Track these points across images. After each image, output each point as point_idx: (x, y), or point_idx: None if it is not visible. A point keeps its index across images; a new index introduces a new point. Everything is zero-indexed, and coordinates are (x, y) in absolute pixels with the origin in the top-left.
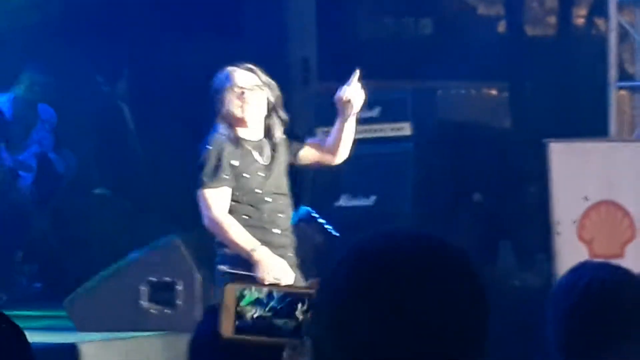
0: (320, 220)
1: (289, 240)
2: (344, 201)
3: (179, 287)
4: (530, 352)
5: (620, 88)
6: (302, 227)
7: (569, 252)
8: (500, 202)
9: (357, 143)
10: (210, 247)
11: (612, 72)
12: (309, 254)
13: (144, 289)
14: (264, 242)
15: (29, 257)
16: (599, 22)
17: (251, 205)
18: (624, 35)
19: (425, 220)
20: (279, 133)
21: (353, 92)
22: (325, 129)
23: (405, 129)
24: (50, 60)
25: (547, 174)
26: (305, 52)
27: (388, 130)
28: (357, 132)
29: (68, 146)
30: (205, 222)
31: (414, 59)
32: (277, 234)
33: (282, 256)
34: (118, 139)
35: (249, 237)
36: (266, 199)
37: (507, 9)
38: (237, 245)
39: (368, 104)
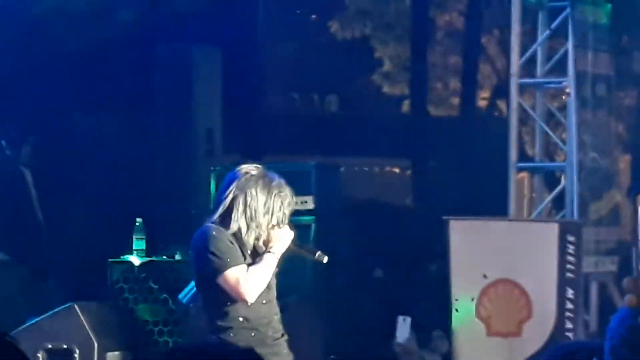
0: None
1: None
2: None
3: (76, 354)
4: None
5: (520, 169)
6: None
7: (467, 330)
8: (401, 278)
9: None
10: (108, 314)
11: (513, 153)
12: None
13: (40, 355)
14: (260, 342)
15: None
16: (501, 104)
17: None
18: (525, 118)
19: (326, 294)
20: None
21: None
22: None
23: (308, 202)
24: None
25: (447, 251)
26: (209, 123)
27: None
28: None
29: None
30: (246, 298)
31: (319, 135)
32: (271, 336)
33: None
34: (19, 204)
35: (264, 262)
36: (262, 300)
37: (411, 88)
38: (270, 269)
39: None
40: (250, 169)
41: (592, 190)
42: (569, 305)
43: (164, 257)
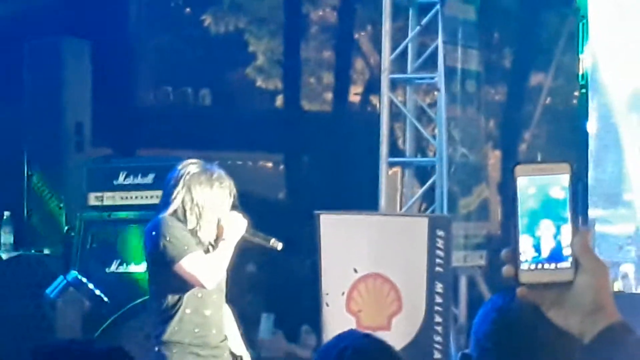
0: (90, 286)
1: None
2: (115, 267)
3: None
4: None
5: (392, 164)
6: (71, 292)
7: (337, 324)
8: (272, 273)
9: (131, 209)
10: None
11: (384, 148)
12: (77, 318)
13: None
14: (202, 341)
15: None
16: (374, 99)
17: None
18: (397, 114)
19: None
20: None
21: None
22: (98, 194)
23: None
24: None
25: (318, 246)
26: (79, 117)
27: None
28: (131, 198)
29: None
30: (205, 285)
31: (192, 129)
32: (215, 335)
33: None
34: None
35: (219, 249)
36: (213, 295)
37: (285, 83)
38: (226, 256)
39: (143, 171)
40: (190, 165)
41: (462, 185)
42: (438, 299)
43: (33, 251)
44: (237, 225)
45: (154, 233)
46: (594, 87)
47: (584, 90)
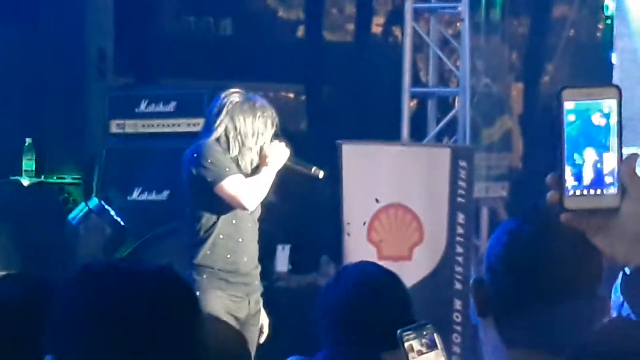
0: (112, 213)
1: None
2: (136, 195)
3: None
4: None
5: (414, 95)
6: (93, 219)
7: (358, 253)
8: (292, 203)
9: (152, 137)
10: None
11: (406, 78)
12: (98, 245)
13: None
14: (233, 267)
15: None
16: (396, 30)
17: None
18: (420, 45)
19: None
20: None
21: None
22: (119, 122)
23: (200, 125)
24: None
25: (339, 175)
26: (102, 43)
27: (183, 125)
28: (152, 126)
29: None
30: (245, 205)
31: (213, 58)
32: (245, 263)
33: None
34: None
35: (261, 174)
36: (248, 223)
37: (306, 13)
38: (267, 182)
39: (165, 99)
40: (232, 94)
41: (484, 115)
42: (460, 230)
43: (54, 177)
44: (280, 153)
45: (195, 155)
46: (620, 18)
47: (609, 22)
